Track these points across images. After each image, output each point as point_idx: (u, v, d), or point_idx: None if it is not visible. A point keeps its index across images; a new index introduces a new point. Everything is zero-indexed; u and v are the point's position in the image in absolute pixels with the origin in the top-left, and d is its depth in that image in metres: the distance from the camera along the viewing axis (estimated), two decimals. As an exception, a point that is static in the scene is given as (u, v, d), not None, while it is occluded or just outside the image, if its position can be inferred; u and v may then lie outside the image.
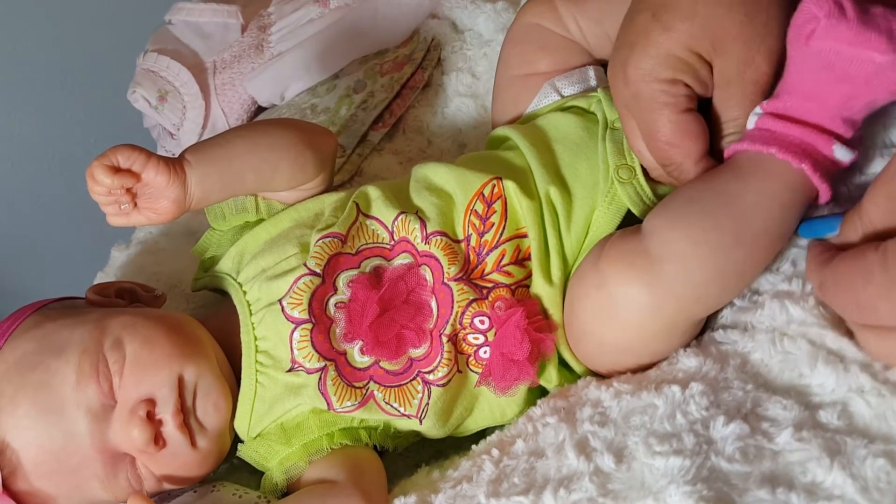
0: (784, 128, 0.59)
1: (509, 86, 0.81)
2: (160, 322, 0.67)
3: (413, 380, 0.66)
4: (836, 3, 0.54)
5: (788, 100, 0.59)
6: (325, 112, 1.00)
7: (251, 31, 1.15)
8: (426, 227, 0.67)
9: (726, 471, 0.50)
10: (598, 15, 0.77)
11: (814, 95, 0.58)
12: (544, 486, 0.54)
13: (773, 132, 0.59)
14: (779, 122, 0.59)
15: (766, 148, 0.58)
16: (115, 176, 0.63)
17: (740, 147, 0.61)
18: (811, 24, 0.55)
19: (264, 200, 0.74)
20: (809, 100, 0.58)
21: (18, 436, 0.63)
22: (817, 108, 0.58)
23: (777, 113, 0.60)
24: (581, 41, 0.78)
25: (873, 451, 0.48)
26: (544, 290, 0.66)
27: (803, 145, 0.58)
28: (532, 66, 0.78)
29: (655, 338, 0.61)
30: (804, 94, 0.58)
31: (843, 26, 0.54)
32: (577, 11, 0.77)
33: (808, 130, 0.58)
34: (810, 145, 0.58)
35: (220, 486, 0.67)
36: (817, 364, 0.54)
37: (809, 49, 0.56)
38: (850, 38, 0.54)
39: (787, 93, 0.60)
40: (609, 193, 0.67)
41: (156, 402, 0.64)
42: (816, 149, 0.58)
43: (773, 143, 0.58)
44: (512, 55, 0.81)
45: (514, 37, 0.81)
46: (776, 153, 0.58)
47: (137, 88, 1.10)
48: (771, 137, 0.59)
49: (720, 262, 0.58)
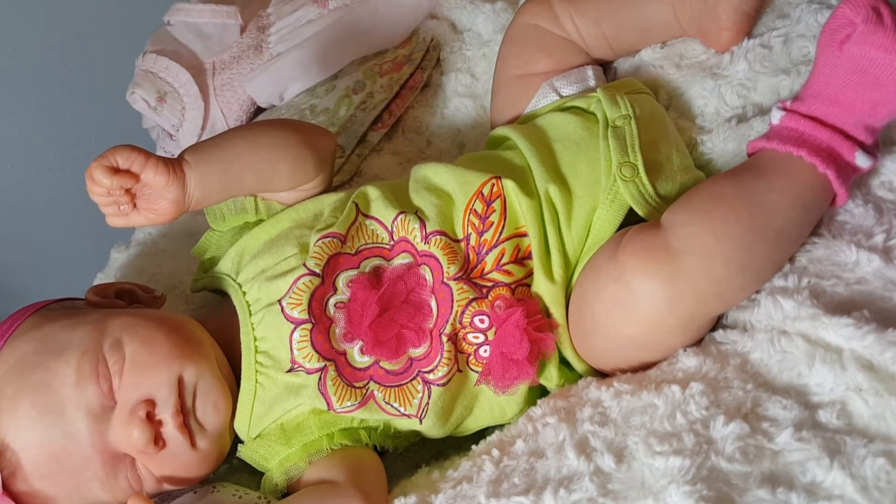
0: (812, 130, 0.59)
1: (508, 86, 0.81)
2: (160, 323, 0.67)
3: (413, 379, 0.66)
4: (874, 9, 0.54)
5: (813, 103, 0.60)
6: (324, 113, 1.00)
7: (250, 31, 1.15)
8: (426, 226, 0.67)
9: (726, 470, 0.50)
10: (595, 14, 0.77)
11: (840, 100, 0.59)
12: (544, 487, 0.54)
13: (801, 133, 0.60)
14: (807, 122, 0.60)
15: (797, 150, 0.59)
16: (115, 176, 0.63)
17: (768, 145, 0.61)
18: (846, 28, 0.56)
19: (264, 201, 0.74)
20: (835, 104, 0.59)
21: (18, 437, 0.63)
22: (842, 113, 0.59)
23: (802, 113, 0.60)
24: (578, 41, 0.78)
25: (873, 450, 0.48)
26: (546, 287, 0.66)
27: (829, 150, 0.59)
28: (530, 66, 0.79)
29: (672, 332, 0.61)
30: (830, 98, 0.59)
31: (881, 33, 0.54)
32: (574, 11, 0.77)
33: (835, 135, 0.59)
34: (835, 150, 0.59)
35: (220, 486, 0.67)
36: (815, 363, 0.54)
37: (842, 54, 0.57)
38: (887, 45, 0.54)
39: (812, 96, 0.60)
40: (611, 191, 0.67)
41: (155, 403, 0.64)
42: (840, 154, 0.59)
43: (803, 146, 0.59)
44: (510, 55, 0.81)
45: (512, 37, 0.81)
46: (805, 156, 0.59)
47: (136, 89, 1.10)
48: (800, 139, 0.59)
49: (743, 258, 0.59)
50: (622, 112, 0.70)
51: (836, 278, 0.58)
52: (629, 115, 0.69)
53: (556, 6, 0.78)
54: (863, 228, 0.61)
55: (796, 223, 0.60)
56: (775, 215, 0.59)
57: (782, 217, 0.59)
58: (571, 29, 0.78)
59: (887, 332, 0.52)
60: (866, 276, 0.58)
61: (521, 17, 0.81)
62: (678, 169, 0.69)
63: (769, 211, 0.59)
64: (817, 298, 0.57)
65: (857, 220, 0.62)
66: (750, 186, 0.60)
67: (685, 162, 0.71)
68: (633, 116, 0.69)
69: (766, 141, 0.61)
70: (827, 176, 0.59)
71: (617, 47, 0.80)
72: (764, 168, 0.61)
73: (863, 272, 0.58)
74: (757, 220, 0.59)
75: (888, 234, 0.59)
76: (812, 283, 0.59)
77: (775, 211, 0.59)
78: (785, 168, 0.60)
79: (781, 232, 0.59)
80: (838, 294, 0.58)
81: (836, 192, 0.60)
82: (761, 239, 0.59)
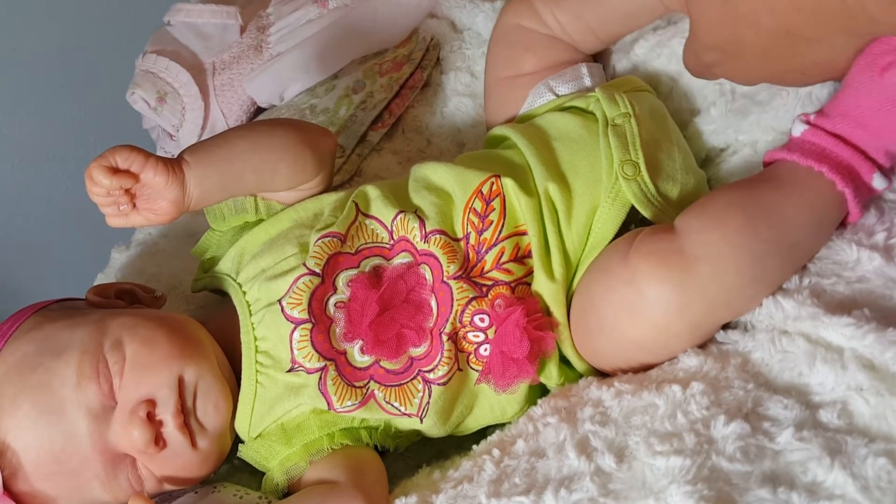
0: (835, 147, 0.60)
1: (497, 88, 0.81)
2: (160, 323, 0.67)
3: (413, 379, 0.66)
4: None
5: (840, 122, 0.60)
6: (324, 112, 1.00)
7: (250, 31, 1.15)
8: (425, 225, 0.67)
9: (727, 470, 0.50)
10: (576, 8, 0.76)
11: (868, 124, 0.59)
12: (545, 486, 0.54)
13: (823, 149, 0.60)
14: (830, 139, 0.60)
15: (818, 165, 0.59)
16: (114, 177, 0.63)
17: (788, 157, 0.61)
18: (889, 56, 0.56)
19: (263, 201, 0.74)
20: (862, 127, 0.59)
21: (19, 437, 0.63)
22: (867, 137, 0.59)
23: (827, 129, 0.60)
24: (563, 37, 0.78)
25: (874, 450, 0.48)
26: (546, 286, 0.66)
27: (849, 168, 0.59)
28: (517, 67, 0.78)
29: (678, 337, 0.61)
30: (858, 121, 0.59)
31: None
32: (555, 6, 0.76)
33: (857, 155, 0.59)
34: (854, 170, 0.59)
35: (220, 486, 0.67)
36: (816, 363, 0.54)
37: (882, 80, 0.57)
38: None
39: (840, 115, 0.60)
40: (613, 190, 0.67)
41: (156, 403, 0.64)
42: (859, 174, 0.59)
43: (825, 162, 0.59)
44: (497, 57, 0.81)
45: (497, 39, 0.81)
46: (826, 172, 0.59)
47: (136, 89, 1.10)
48: (822, 155, 0.60)
49: (756, 269, 0.59)
50: (621, 110, 0.70)
51: (837, 277, 0.58)
52: (629, 114, 0.69)
53: (536, 4, 0.77)
54: (864, 227, 0.61)
55: (810, 237, 0.60)
56: (791, 228, 0.59)
57: (797, 230, 0.59)
58: (554, 25, 0.77)
59: (888, 332, 0.52)
60: (867, 275, 0.58)
61: (503, 18, 0.80)
62: (680, 167, 0.69)
63: (785, 223, 0.59)
64: (818, 297, 0.57)
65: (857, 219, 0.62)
66: (767, 197, 0.60)
67: (687, 160, 0.71)
68: (633, 114, 0.69)
69: (786, 152, 0.61)
70: (844, 194, 0.59)
71: (604, 37, 0.79)
72: (782, 180, 0.61)
73: (863, 271, 0.58)
74: (773, 232, 0.59)
75: (889, 232, 0.59)
76: (813, 282, 0.59)
77: (791, 224, 0.59)
78: (803, 182, 0.60)
79: (795, 245, 0.60)
80: (839, 293, 0.58)
81: (849, 210, 0.60)
82: (775, 251, 0.59)
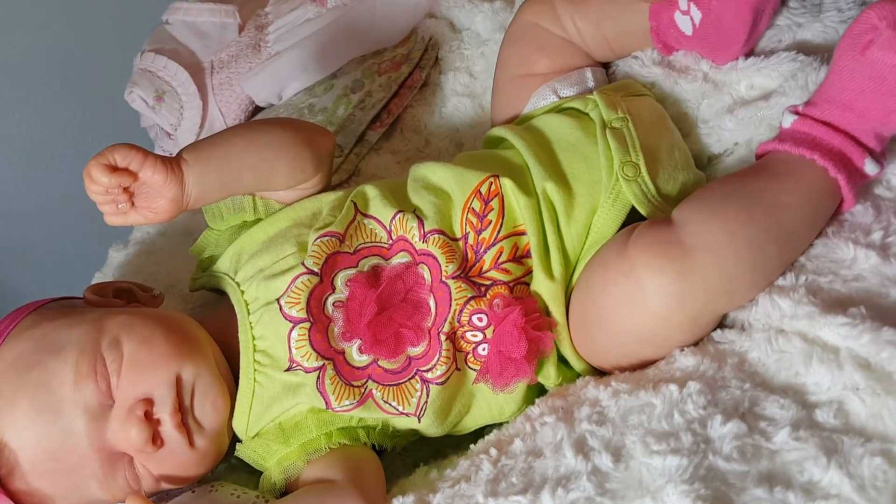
0: (825, 134, 0.60)
1: (507, 85, 0.81)
2: (158, 322, 0.67)
3: (411, 378, 0.66)
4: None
5: (827, 108, 0.60)
6: (322, 112, 1.00)
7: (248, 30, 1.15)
8: (424, 225, 0.67)
9: (724, 470, 0.50)
10: (596, 16, 0.77)
11: (854, 106, 0.59)
12: (542, 486, 0.54)
13: (813, 137, 0.60)
14: (819, 127, 0.60)
15: (810, 153, 0.59)
16: (113, 175, 0.63)
17: (780, 147, 0.61)
18: (870, 34, 0.56)
19: (262, 200, 0.74)
20: (848, 109, 0.59)
21: (16, 435, 0.63)
22: (855, 120, 0.59)
23: (815, 118, 0.60)
24: (579, 42, 0.78)
25: (870, 449, 0.48)
26: (545, 285, 0.66)
27: (840, 154, 0.59)
28: (529, 66, 0.78)
29: (679, 328, 0.61)
30: (844, 104, 0.59)
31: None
32: (576, 12, 0.77)
33: (847, 141, 0.59)
34: (846, 156, 0.59)
35: (218, 485, 0.67)
36: (812, 362, 0.54)
37: (864, 59, 0.57)
38: None
39: (826, 101, 0.60)
40: (613, 191, 0.67)
41: (153, 402, 0.64)
42: (851, 160, 0.60)
43: (817, 149, 0.59)
44: (510, 55, 0.81)
45: (513, 36, 0.81)
46: (818, 159, 0.59)
47: (135, 88, 1.10)
48: (813, 142, 0.60)
49: (755, 257, 0.59)
50: (619, 115, 0.70)
51: (834, 275, 0.59)
52: (626, 118, 0.69)
53: (557, 6, 0.78)
54: (861, 226, 0.61)
55: (805, 225, 0.61)
56: (787, 216, 0.59)
57: (793, 218, 0.60)
58: (572, 30, 0.77)
59: (883, 331, 0.52)
60: (863, 273, 0.58)
61: (521, 17, 0.81)
62: (679, 168, 0.69)
63: (781, 211, 0.59)
64: (814, 296, 0.57)
65: (855, 218, 0.62)
66: (763, 186, 0.60)
67: (686, 160, 0.71)
68: (631, 119, 0.69)
69: (777, 143, 0.62)
70: (837, 180, 0.59)
71: (618, 49, 0.80)
72: (776, 169, 0.61)
73: (860, 269, 0.58)
74: (769, 220, 0.59)
75: (886, 231, 0.59)
76: (809, 280, 0.59)
77: (787, 212, 0.59)
78: (797, 170, 0.60)
79: (792, 233, 0.60)
80: (836, 291, 0.58)
81: (843, 197, 0.61)
82: (773, 239, 0.59)
